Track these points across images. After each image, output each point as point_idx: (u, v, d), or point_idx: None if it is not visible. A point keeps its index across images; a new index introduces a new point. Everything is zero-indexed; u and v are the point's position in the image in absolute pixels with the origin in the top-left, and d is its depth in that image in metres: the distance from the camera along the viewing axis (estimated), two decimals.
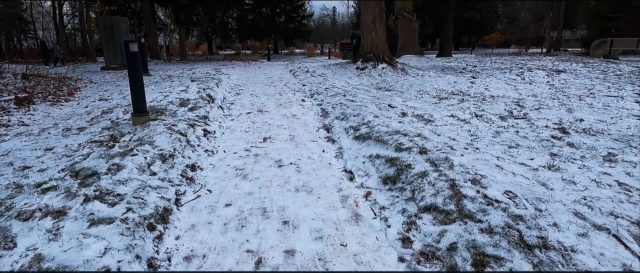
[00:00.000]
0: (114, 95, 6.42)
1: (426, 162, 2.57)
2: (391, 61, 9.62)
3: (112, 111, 4.60)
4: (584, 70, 8.97)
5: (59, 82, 8.11)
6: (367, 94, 5.97)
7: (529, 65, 9.94)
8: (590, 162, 2.80)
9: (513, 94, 6.21)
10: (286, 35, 37.85)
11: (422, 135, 3.30)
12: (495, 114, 4.58)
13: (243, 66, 14.16)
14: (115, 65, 11.72)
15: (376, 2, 9.56)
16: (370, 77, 8.29)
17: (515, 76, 8.05)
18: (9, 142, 3.47)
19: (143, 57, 9.90)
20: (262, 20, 35.71)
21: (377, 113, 4.31)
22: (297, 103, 5.77)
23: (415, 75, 8.42)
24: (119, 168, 2.51)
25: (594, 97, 5.73)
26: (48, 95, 6.34)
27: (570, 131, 3.69)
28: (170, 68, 12.54)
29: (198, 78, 7.76)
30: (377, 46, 9.70)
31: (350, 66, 9.68)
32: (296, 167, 2.96)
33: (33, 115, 4.92)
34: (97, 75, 10.17)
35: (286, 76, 9.91)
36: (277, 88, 7.51)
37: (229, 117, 4.86)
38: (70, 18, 27.62)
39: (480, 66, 10.22)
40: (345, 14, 62.97)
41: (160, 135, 3.26)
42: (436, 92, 6.39)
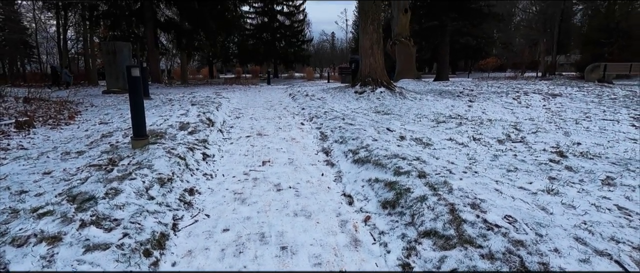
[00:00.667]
0: (115, 118, 6.46)
1: (425, 186, 2.57)
2: (389, 85, 9.75)
3: (112, 135, 4.62)
4: (579, 94, 9.09)
5: (60, 105, 8.17)
6: (366, 118, 6.02)
7: (525, 89, 10.08)
8: (589, 185, 2.80)
9: (510, 118, 6.27)
10: (286, 60, 38.52)
11: (421, 159, 3.31)
12: (493, 138, 4.61)
13: (243, 90, 14.33)
14: (116, 89, 11.85)
15: (374, 29, 9.80)
16: (368, 101, 8.38)
17: (512, 100, 8.15)
18: (7, 166, 3.46)
19: (144, 81, 10.03)
20: (262, 45, 36.45)
21: (376, 136, 4.34)
22: (296, 126, 5.81)
23: (413, 99, 8.53)
24: (116, 193, 2.50)
25: (590, 121, 5.78)
26: (49, 119, 6.38)
27: (568, 155, 3.71)
28: (172, 92, 12.67)
29: (198, 102, 7.83)
30: (375, 70, 9.86)
31: (349, 90, 9.81)
32: (295, 191, 2.95)
33: (33, 138, 4.93)
34: (98, 99, 10.26)
35: (286, 100, 10.01)
36: (277, 111, 7.57)
37: (228, 140, 4.88)
38: (74, 43, 28.15)
39: (477, 90, 10.37)
40: (344, 39, 64.33)
41: (159, 159, 3.26)
42: (434, 115, 6.45)
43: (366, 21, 9.83)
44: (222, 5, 18.70)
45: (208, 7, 17.51)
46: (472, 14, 21.93)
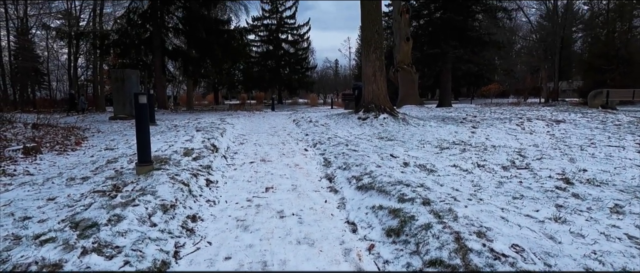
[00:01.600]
0: (120, 144, 6.53)
1: (430, 213, 2.54)
2: (392, 111, 9.83)
3: (117, 160, 4.65)
4: (583, 120, 9.09)
5: (68, 131, 8.28)
6: (369, 144, 6.03)
7: (528, 115, 10.10)
8: (597, 214, 2.75)
9: (514, 144, 6.25)
10: (290, 86, 39.10)
11: (425, 186, 3.29)
12: (498, 164, 4.58)
13: (247, 116, 14.48)
14: (123, 115, 12.03)
15: (376, 57, 10.00)
16: (372, 127, 8.42)
17: (516, 126, 8.15)
18: (12, 192, 3.48)
19: (151, 107, 10.20)
20: (267, 71, 37.16)
21: (380, 163, 4.33)
22: (299, 152, 5.82)
23: (417, 125, 8.56)
24: (119, 219, 2.49)
25: (595, 147, 5.75)
26: (55, 145, 6.45)
27: (574, 182, 3.67)
28: (177, 118, 12.84)
29: (203, 128, 7.92)
30: (378, 97, 9.97)
31: (352, 116, 9.88)
32: (298, 218, 2.92)
33: (39, 164, 4.97)
34: (105, 125, 10.40)
35: (289, 126, 10.09)
36: (281, 137, 7.62)
37: (232, 166, 4.89)
38: (84, 70, 28.91)
39: (480, 116, 10.40)
40: (347, 66, 65.47)
41: (163, 185, 3.27)
42: (438, 141, 6.45)
43: (369, 49, 10.05)
44: (229, 34, 19.26)
45: (215, 36, 18.04)
46: (473, 42, 22.36)
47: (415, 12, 23.02)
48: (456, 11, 21.46)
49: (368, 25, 10.11)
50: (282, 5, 38.77)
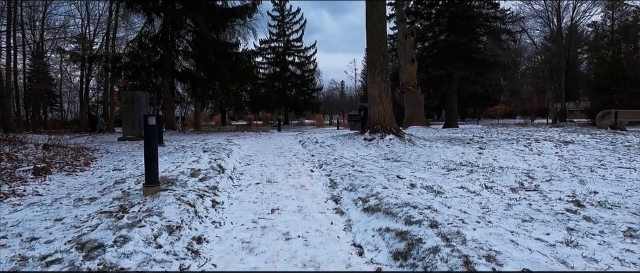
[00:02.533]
0: (128, 165, 6.59)
1: (437, 236, 2.50)
2: (398, 132, 9.83)
3: (125, 181, 4.69)
4: (592, 141, 8.98)
5: (77, 152, 8.40)
6: (376, 165, 6.01)
7: (535, 136, 10.02)
8: (610, 237, 2.69)
9: (522, 165, 6.18)
10: (296, 107, 39.49)
11: (432, 208, 3.25)
12: (506, 186, 4.52)
13: (254, 137, 14.57)
14: (132, 136, 12.18)
15: (382, 78, 10.11)
16: (378, 148, 8.41)
17: (523, 147, 8.08)
18: (21, 212, 3.51)
19: (159, 128, 10.34)
20: (274, 93, 37.68)
21: (386, 184, 4.31)
22: (305, 173, 5.82)
23: (423, 146, 8.53)
24: (125, 241, 2.49)
25: (605, 169, 5.66)
26: (65, 165, 6.54)
27: (585, 204, 3.60)
28: (184, 139, 12.96)
29: (210, 148, 7.98)
30: (384, 118, 10.01)
31: (358, 137, 9.90)
32: (304, 240, 2.89)
33: (48, 185, 5.03)
34: (113, 146, 10.53)
35: (296, 147, 10.12)
36: (287, 158, 7.63)
37: (238, 187, 4.89)
38: (95, 92, 29.58)
39: (487, 137, 10.34)
40: (352, 87, 66.12)
41: (169, 206, 3.28)
42: (444, 163, 6.41)
43: (374, 71, 10.18)
44: (237, 57, 19.68)
45: (223, 59, 18.43)
46: (478, 63, 22.53)
47: (420, 35, 23.38)
48: (460, 34, 21.76)
49: (373, 47, 10.28)
50: (289, 29, 39.74)
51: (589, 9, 26.33)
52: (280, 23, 39.49)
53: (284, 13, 39.43)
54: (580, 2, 25.81)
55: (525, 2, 26.73)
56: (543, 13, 26.63)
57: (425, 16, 24.30)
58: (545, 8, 26.33)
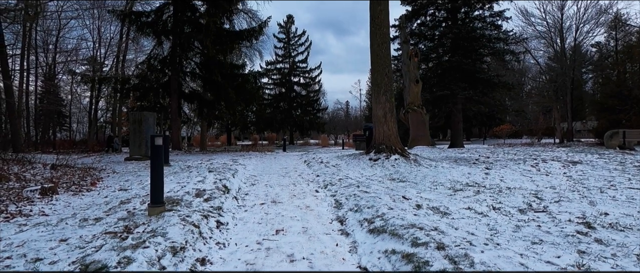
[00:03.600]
0: (134, 185, 6.62)
1: (445, 258, 2.46)
2: (404, 152, 9.79)
3: (130, 201, 4.70)
4: (601, 161, 8.86)
5: (84, 172, 8.47)
6: (381, 185, 5.97)
7: (542, 156, 9.92)
8: (623, 260, 2.61)
9: (530, 186, 6.09)
10: (302, 127, 39.65)
11: (439, 229, 3.20)
12: (514, 207, 4.45)
13: (259, 156, 14.60)
14: (139, 156, 12.28)
15: (386, 99, 10.18)
16: (383, 168, 8.37)
17: (530, 167, 7.99)
18: (26, 233, 3.53)
19: (165, 148, 10.43)
20: (279, 113, 37.97)
21: (392, 205, 4.26)
22: (310, 194, 5.79)
23: (428, 166, 8.47)
24: (128, 262, 2.48)
25: (616, 190, 5.55)
26: (72, 185, 6.58)
27: (596, 226, 3.52)
28: (190, 159, 13.03)
29: (215, 168, 8.00)
30: (389, 138, 10.00)
31: (363, 157, 9.87)
32: (309, 263, 2.85)
33: (54, 205, 5.05)
34: (120, 166, 10.61)
35: (300, 167, 10.10)
36: (292, 178, 7.61)
37: (242, 207, 4.87)
38: (104, 112, 30.06)
39: (493, 157, 10.26)
40: (357, 107, 66.44)
41: (174, 227, 3.27)
42: (451, 183, 6.34)
43: (379, 92, 10.26)
44: (243, 78, 20.00)
45: (230, 80, 18.73)
46: (482, 83, 22.61)
47: (423, 56, 23.65)
48: (464, 55, 21.96)
49: (378, 68, 10.40)
50: (295, 50, 40.44)
51: (592, 29, 26.52)
52: (286, 45, 40.25)
53: (289, 35, 40.25)
54: (583, 24, 26.04)
55: (528, 24, 27.04)
56: (546, 34, 26.87)
57: (429, 38, 24.65)
58: (548, 29, 26.60)
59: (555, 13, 26.27)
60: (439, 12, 24.29)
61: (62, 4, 20.90)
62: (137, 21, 17.91)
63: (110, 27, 27.09)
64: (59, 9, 20.99)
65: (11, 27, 17.54)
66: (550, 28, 26.57)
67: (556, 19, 26.24)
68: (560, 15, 26.02)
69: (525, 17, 26.89)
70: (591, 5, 25.59)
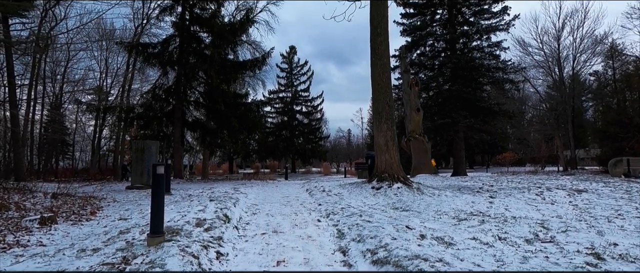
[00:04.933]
0: (134, 214, 6.55)
1: None
2: (406, 181, 9.72)
3: (129, 231, 4.64)
4: (606, 189, 8.75)
5: (85, 201, 8.41)
6: (384, 215, 5.88)
7: (547, 184, 9.82)
8: None
9: (535, 215, 5.99)
10: (304, 155, 39.66)
11: (444, 261, 3.13)
12: (520, 237, 4.36)
13: (261, 185, 14.51)
14: (140, 185, 12.24)
15: (388, 127, 10.24)
16: (386, 197, 8.28)
17: (535, 196, 7.89)
18: (22, 264, 3.46)
19: (167, 177, 10.40)
20: (281, 141, 38.12)
21: (395, 235, 4.19)
22: (312, 223, 5.70)
23: (432, 195, 8.38)
24: None
25: (623, 219, 5.45)
26: (71, 215, 6.52)
27: (605, 257, 3.43)
28: (192, 187, 12.96)
29: (216, 197, 7.94)
30: (391, 166, 9.97)
31: (365, 186, 9.80)
32: None
33: (53, 235, 4.99)
34: (121, 194, 10.54)
35: (302, 195, 10.01)
36: (293, 207, 7.53)
37: (243, 237, 4.79)
38: (107, 141, 30.23)
39: (497, 185, 10.15)
40: (359, 135, 66.55)
41: (172, 258, 3.21)
42: (455, 212, 6.25)
43: (380, 120, 10.34)
44: (246, 107, 20.28)
45: (233, 109, 18.99)
46: (483, 112, 22.78)
47: (424, 85, 24.00)
48: (464, 83, 22.27)
49: (379, 97, 10.54)
50: (297, 80, 41.20)
51: (589, 59, 26.95)
52: (288, 74, 41.05)
53: (292, 65, 41.15)
54: (580, 53, 26.52)
55: (525, 54, 27.55)
56: (544, 63, 27.30)
57: (429, 67, 25.12)
58: (546, 59, 27.06)
59: (552, 43, 26.80)
60: (438, 43, 24.90)
61: (72, 36, 21.59)
62: (143, 52, 18.43)
63: (118, 58, 27.80)
64: (69, 41, 21.65)
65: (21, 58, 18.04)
66: (548, 58, 27.04)
67: (553, 49, 26.76)
68: (557, 45, 26.55)
69: (523, 47, 27.42)
70: (587, 36, 25.97)
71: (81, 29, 20.52)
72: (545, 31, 27.23)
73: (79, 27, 20.07)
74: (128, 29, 25.65)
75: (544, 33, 27.15)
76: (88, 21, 19.77)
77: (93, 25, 22.27)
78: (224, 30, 18.47)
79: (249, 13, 20.53)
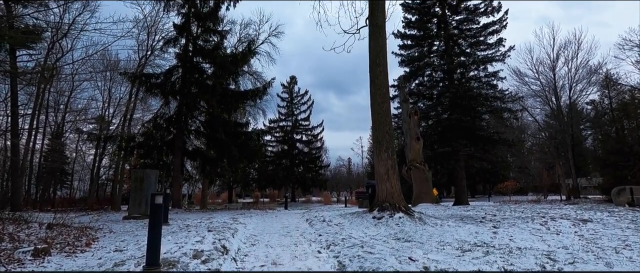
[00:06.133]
0: (130, 246, 6.41)
1: None
2: (408, 210, 9.59)
3: (124, 263, 4.52)
4: (611, 219, 8.60)
5: (80, 231, 8.25)
6: (386, 245, 5.75)
7: (551, 213, 9.66)
8: None
9: (541, 246, 5.85)
10: (304, 184, 39.36)
11: None
12: (527, 269, 4.23)
13: (260, 215, 14.29)
14: (137, 215, 12.05)
15: (388, 156, 10.22)
16: (387, 227, 8.13)
17: (539, 226, 7.74)
18: None
19: (165, 207, 10.26)
20: (281, 170, 37.96)
21: (398, 267, 4.07)
22: (312, 255, 5.56)
23: (434, 225, 8.22)
24: None
25: (631, 250, 5.32)
26: (66, 246, 6.38)
27: None
28: (190, 217, 12.75)
29: (215, 228, 7.79)
30: (392, 195, 9.86)
31: (366, 215, 9.64)
32: None
33: (46, 267, 4.85)
34: (118, 225, 10.36)
35: (302, 225, 9.83)
36: (293, 238, 7.37)
37: (241, 270, 4.65)
38: (107, 170, 30.07)
39: (500, 215, 9.99)
40: (360, 164, 66.33)
41: None
42: (458, 243, 6.11)
43: (380, 149, 10.34)
44: (247, 135, 20.35)
45: (233, 138, 19.06)
46: (483, 140, 22.81)
47: (423, 114, 24.21)
48: (463, 112, 22.47)
49: (379, 126, 10.60)
50: (298, 109, 41.68)
51: (585, 88, 27.37)
52: (288, 104, 41.56)
53: (292, 95, 41.75)
54: (576, 83, 26.95)
55: (522, 83, 27.99)
56: (541, 93, 27.69)
57: (428, 97, 25.44)
58: (542, 88, 27.47)
59: (548, 73, 27.30)
60: (436, 73, 25.37)
61: (77, 67, 22.03)
62: (146, 82, 18.75)
63: (121, 88, 28.22)
64: (74, 72, 22.07)
65: (26, 88, 18.32)
66: (544, 87, 27.47)
67: (549, 78, 27.23)
68: (553, 75, 27.03)
69: (519, 77, 27.91)
70: (581, 66, 26.49)
71: (86, 60, 20.99)
72: (540, 61, 27.73)
73: (84, 58, 20.53)
74: (132, 59, 26.21)
75: (539, 63, 27.72)
76: (94, 52, 20.29)
77: (98, 57, 22.82)
78: (226, 61, 18.88)
79: (250, 45, 21.09)
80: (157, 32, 23.79)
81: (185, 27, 19.27)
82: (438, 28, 25.08)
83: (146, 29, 23.40)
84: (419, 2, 25.70)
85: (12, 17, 13.11)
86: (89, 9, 18.05)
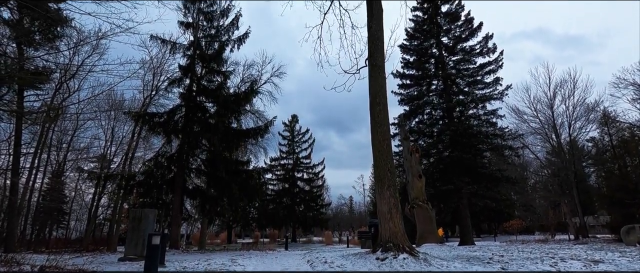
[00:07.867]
0: None
1: None
2: (412, 251, 9.31)
3: None
4: (623, 260, 8.31)
5: None
6: None
7: (560, 254, 9.36)
8: None
9: None
10: (305, 223, 38.56)
11: None
12: None
13: (260, 255, 13.86)
14: (133, 257, 11.69)
15: (391, 194, 10.10)
16: (391, 269, 7.85)
17: (549, 267, 7.47)
18: None
19: (162, 247, 9.98)
20: (282, 209, 37.35)
21: None
22: None
23: (440, 267, 7.95)
24: None
25: None
26: None
27: None
28: (187, 258, 12.36)
29: (213, 270, 7.54)
30: (395, 235, 9.62)
31: (369, 256, 9.35)
32: None
33: None
34: (112, 267, 10.02)
35: (303, 267, 9.51)
36: None
37: None
38: (105, 209, 29.62)
39: (507, 255, 9.68)
40: (361, 202, 65.31)
41: None
42: None
43: (382, 187, 10.24)
44: (247, 174, 20.25)
45: (234, 176, 18.95)
46: (485, 178, 22.61)
47: (424, 151, 24.22)
48: (464, 150, 22.47)
49: (380, 164, 10.58)
50: (299, 147, 41.81)
51: (584, 126, 27.56)
52: (290, 142, 41.76)
53: (293, 133, 42.08)
54: (574, 121, 27.16)
55: (521, 121, 28.24)
56: (540, 130, 27.85)
57: (428, 134, 25.60)
58: (542, 126, 27.66)
59: (546, 111, 27.63)
60: (436, 111, 25.71)
61: (82, 107, 22.42)
62: (150, 121, 18.99)
63: (124, 127, 28.51)
64: (79, 111, 22.43)
65: (30, 127, 18.53)
66: (544, 124, 27.66)
67: (547, 116, 27.51)
68: (551, 113, 27.33)
69: (518, 115, 28.22)
70: (578, 104, 26.86)
71: (92, 100, 21.38)
72: (538, 100, 28.17)
73: (90, 98, 20.93)
74: (137, 99, 26.71)
75: (537, 101, 28.12)
76: (100, 92, 20.71)
77: (104, 96, 23.27)
78: (229, 101, 19.25)
79: (253, 85, 21.59)
80: (163, 72, 24.45)
81: (190, 68, 19.86)
82: (436, 68, 25.78)
83: (152, 69, 24.08)
84: (417, 44, 26.66)
85: (24, 59, 13.54)
86: (98, 52, 18.69)
